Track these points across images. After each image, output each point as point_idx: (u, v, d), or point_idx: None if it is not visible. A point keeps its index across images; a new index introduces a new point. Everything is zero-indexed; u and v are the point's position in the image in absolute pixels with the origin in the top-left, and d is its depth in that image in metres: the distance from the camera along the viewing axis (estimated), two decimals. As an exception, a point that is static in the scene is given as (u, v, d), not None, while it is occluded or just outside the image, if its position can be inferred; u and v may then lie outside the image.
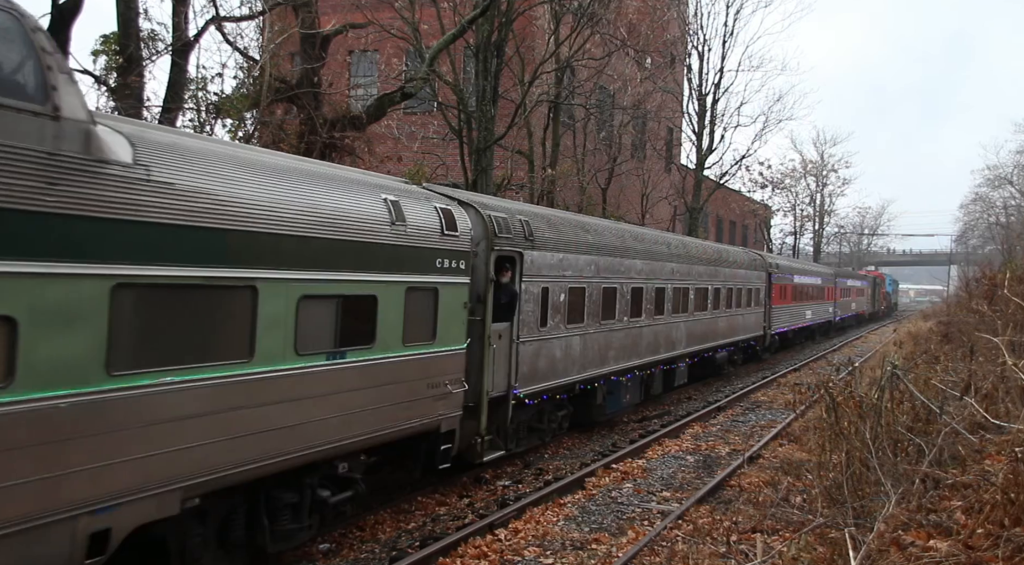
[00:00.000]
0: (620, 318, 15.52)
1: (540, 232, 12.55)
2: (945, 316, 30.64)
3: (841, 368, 14.35)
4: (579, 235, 14.10)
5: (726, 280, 23.13)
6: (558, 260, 13.01)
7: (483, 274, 11.00)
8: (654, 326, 17.42)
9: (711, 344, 22.07)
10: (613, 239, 15.61)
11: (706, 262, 21.37)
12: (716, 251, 23.62)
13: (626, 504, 10.93)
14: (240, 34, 18.66)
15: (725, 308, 23.17)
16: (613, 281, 15.16)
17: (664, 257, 18.04)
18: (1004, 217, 64.39)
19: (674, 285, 18.59)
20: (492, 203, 12.19)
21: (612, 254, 15.17)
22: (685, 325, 19.49)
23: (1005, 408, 8.64)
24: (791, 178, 64.14)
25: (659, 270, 17.58)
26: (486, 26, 21.31)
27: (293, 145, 17.22)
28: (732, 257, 24.96)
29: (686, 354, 19.92)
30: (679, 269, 18.97)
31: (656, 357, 17.77)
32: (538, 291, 12.48)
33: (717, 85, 41.76)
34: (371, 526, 10.02)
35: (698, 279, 20.42)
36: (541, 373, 12.68)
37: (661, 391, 19.09)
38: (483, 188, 20.78)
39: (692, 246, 21.26)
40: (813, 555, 6.89)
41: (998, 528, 5.70)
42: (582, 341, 14.01)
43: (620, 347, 15.65)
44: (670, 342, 18.60)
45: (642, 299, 16.62)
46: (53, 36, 13.00)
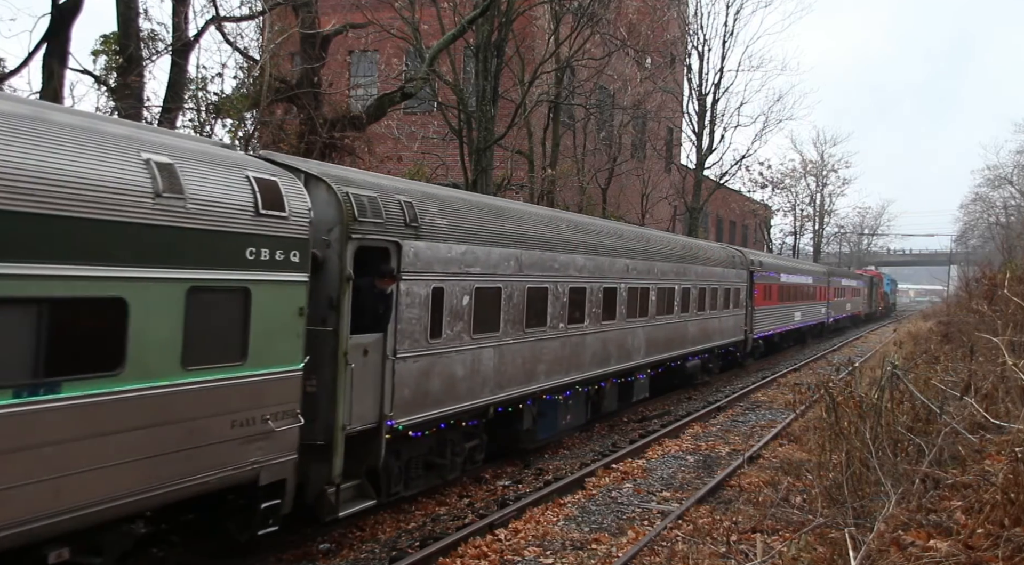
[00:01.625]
0: (554, 325, 12.94)
1: (430, 218, 9.98)
2: (945, 316, 30.66)
3: (841, 368, 14.37)
4: (491, 223, 11.51)
5: (698, 279, 20.60)
6: (459, 254, 10.42)
7: (337, 271, 8.43)
8: (602, 333, 14.82)
9: (679, 351, 19.61)
10: (542, 229, 12.96)
11: (672, 258, 18.86)
12: (685, 246, 21.10)
13: (626, 504, 10.93)
14: (240, 34, 18.65)
15: (697, 311, 20.53)
16: (543, 280, 12.63)
17: (616, 252, 15.52)
18: (1004, 217, 64.41)
19: (630, 285, 16.01)
20: (356, 178, 9.43)
21: (541, 247, 12.63)
22: (644, 331, 16.94)
23: (1005, 408, 8.64)
24: (791, 178, 64.19)
25: (609, 267, 15.03)
26: (486, 26, 21.32)
27: (293, 145, 17.22)
28: (705, 253, 22.36)
29: (647, 364, 17.42)
30: (637, 266, 16.41)
31: (606, 369, 15.15)
32: (426, 293, 9.80)
33: (717, 85, 41.82)
34: (371, 526, 10.01)
35: (662, 278, 17.91)
36: (434, 397, 10.05)
37: (615, 407, 16.69)
38: (483, 188, 20.76)
39: (655, 240, 18.81)
40: (813, 555, 6.90)
41: (998, 528, 5.70)
42: (497, 354, 11.40)
43: (554, 360, 13.07)
44: (625, 351, 15.99)
45: (585, 302, 14.04)
46: (53, 36, 13.08)
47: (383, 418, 9.11)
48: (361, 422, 8.83)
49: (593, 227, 15.54)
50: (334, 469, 8.45)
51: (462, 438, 11.32)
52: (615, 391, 16.27)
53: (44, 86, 13.17)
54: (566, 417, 14.06)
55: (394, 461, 9.72)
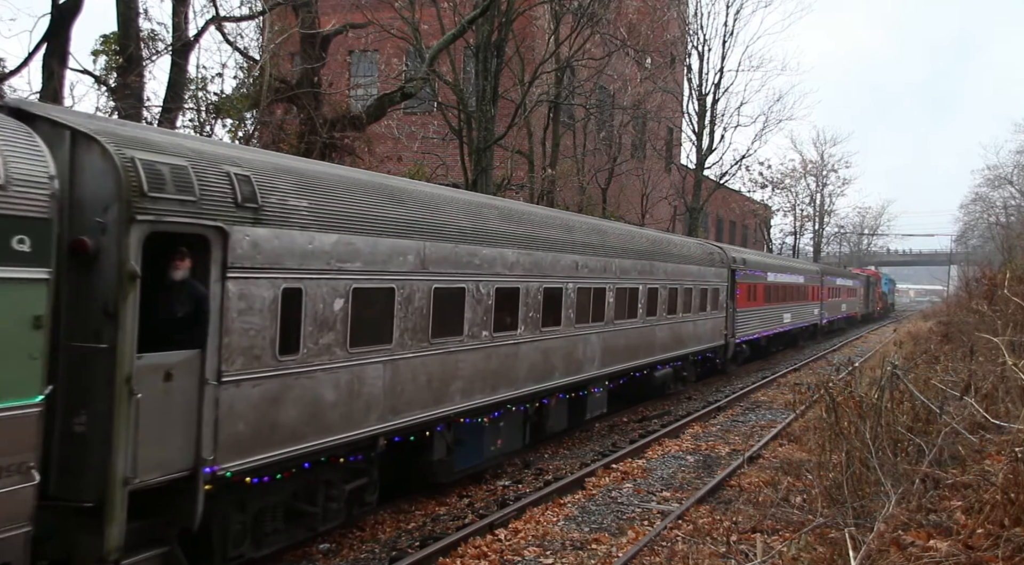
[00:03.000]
0: (474, 333, 10.72)
1: (279, 197, 7.67)
2: (945, 316, 30.67)
3: (841, 368, 14.39)
4: (381, 207, 9.11)
5: (669, 279, 18.37)
6: (328, 245, 8.13)
7: (114, 265, 6.23)
8: (543, 342, 12.59)
9: (646, 360, 17.32)
10: (458, 218, 10.61)
11: (636, 255, 16.56)
12: (652, 241, 18.67)
13: (626, 504, 10.93)
14: (240, 34, 18.67)
15: (667, 314, 18.27)
16: (457, 279, 10.34)
17: (562, 246, 13.31)
18: (1004, 217, 64.38)
19: (580, 285, 13.76)
20: (159, 140, 7.10)
21: (456, 239, 10.31)
22: (600, 338, 14.68)
23: (1005, 408, 8.65)
24: (791, 178, 64.15)
25: (552, 264, 12.83)
26: (486, 26, 21.33)
27: (293, 145, 17.23)
28: (678, 249, 20.10)
29: (604, 376, 15.18)
30: (590, 263, 14.16)
31: (549, 384, 12.93)
32: (273, 295, 7.50)
33: (717, 85, 41.87)
34: (371, 526, 10.02)
35: (622, 277, 15.61)
36: (288, 430, 7.75)
37: (565, 426, 14.49)
38: (483, 188, 20.76)
39: (613, 234, 16.30)
40: (813, 555, 6.90)
41: (998, 528, 5.70)
42: (388, 372, 9.08)
43: (475, 375, 10.81)
44: (574, 362, 13.78)
45: (519, 305, 11.85)
46: (53, 36, 13.08)
47: (200, 463, 6.84)
48: (162, 471, 6.60)
49: (531, 216, 13.16)
50: (109, 540, 6.08)
51: (341, 478, 8.92)
52: (563, 408, 14.12)
53: (44, 86, 13.16)
54: (495, 442, 11.89)
55: (236, 515, 7.63)
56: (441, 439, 10.54)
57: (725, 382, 24.72)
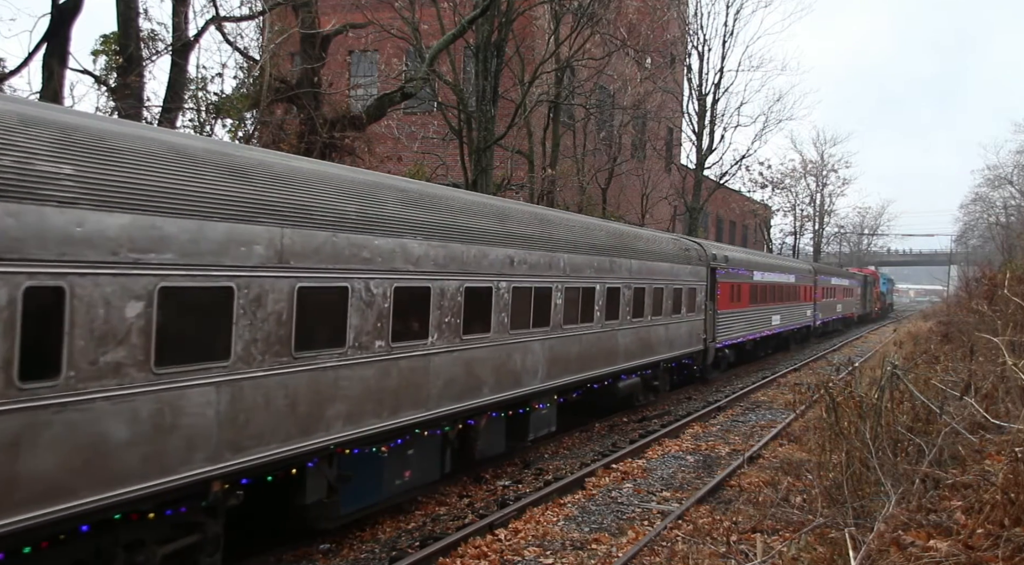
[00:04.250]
0: (363, 344, 8.63)
1: (18, 158, 5.64)
2: (945, 316, 30.67)
3: (841, 368, 14.39)
4: (205, 181, 7.04)
5: (633, 277, 16.40)
6: (117, 229, 6.16)
7: None
8: (466, 352, 10.64)
9: (605, 369, 15.26)
10: (335, 198, 8.47)
11: (590, 250, 14.56)
12: (612, 234, 16.43)
13: (626, 504, 10.93)
14: (240, 34, 18.72)
15: (632, 317, 16.31)
16: (335, 276, 8.30)
17: (490, 238, 11.25)
18: (1004, 217, 64.40)
19: (517, 284, 11.84)
20: None
21: (333, 226, 8.25)
22: (545, 346, 12.77)
23: (1005, 408, 8.65)
24: (791, 178, 64.18)
25: (477, 259, 10.85)
26: (486, 26, 21.33)
27: (293, 145, 17.24)
28: (645, 244, 17.91)
29: (551, 389, 13.20)
30: (529, 259, 12.24)
31: (477, 401, 11.00)
32: (5, 298, 5.53)
33: (717, 85, 41.91)
34: (371, 526, 10.02)
35: (573, 275, 13.70)
36: (39, 484, 5.69)
37: (503, 449, 12.51)
38: (483, 188, 20.79)
39: (560, 224, 14.10)
40: (813, 555, 6.90)
41: (998, 528, 5.70)
42: (226, 396, 7.06)
43: (366, 395, 8.77)
44: (510, 374, 11.81)
45: (430, 308, 9.83)
46: (53, 36, 13.08)
47: None
48: None
49: (448, 201, 10.85)
50: None
51: (154, 538, 6.89)
52: (498, 428, 12.12)
53: (44, 86, 13.18)
54: (401, 474, 9.86)
55: None
56: (317, 477, 8.48)
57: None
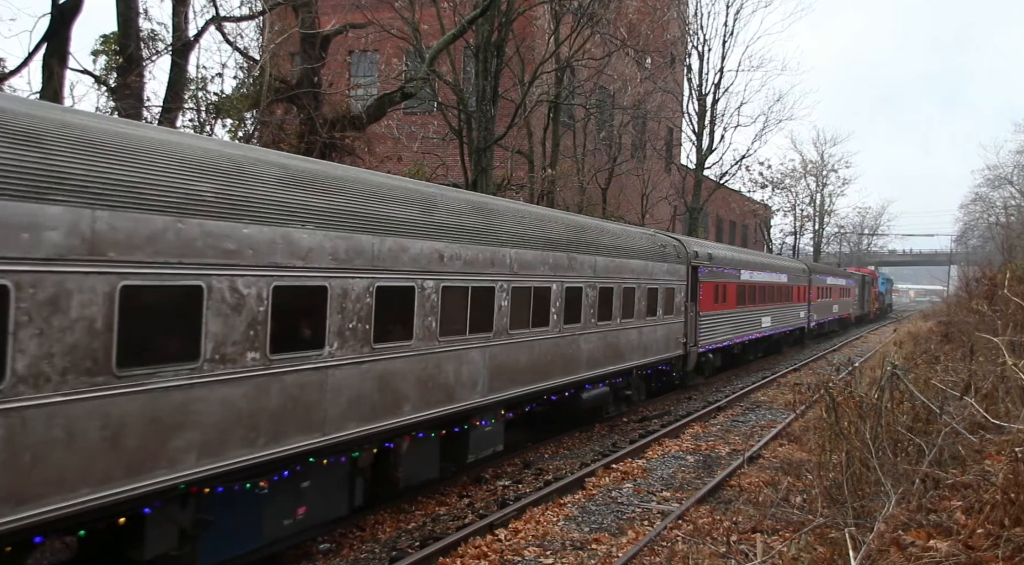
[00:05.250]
0: (226, 356, 7.08)
1: None
2: (945, 316, 30.65)
3: (841, 368, 14.38)
4: None
5: (599, 276, 14.87)
6: None
7: None
8: (382, 362, 9.09)
9: (564, 379, 13.70)
10: (157, 171, 6.56)
11: (545, 245, 13.00)
12: (573, 227, 14.65)
13: (626, 504, 10.93)
14: (240, 34, 18.70)
15: (597, 320, 14.77)
16: (181, 272, 6.65)
17: (411, 229, 9.60)
18: (1004, 217, 64.38)
19: (449, 282, 10.34)
20: None
21: (179, 210, 6.62)
22: (487, 354, 11.30)
23: (1005, 408, 8.65)
24: (791, 178, 64.26)
25: (394, 254, 9.25)
26: (486, 26, 21.33)
27: (293, 145, 17.24)
28: (613, 239, 16.11)
29: (497, 403, 11.73)
30: (465, 254, 10.72)
31: (395, 421, 9.40)
32: None
33: (717, 85, 41.97)
34: (371, 526, 10.03)
35: (523, 273, 12.24)
36: None
37: (435, 474, 10.91)
38: (483, 188, 20.81)
39: (506, 214, 12.42)
40: (813, 555, 6.89)
41: (998, 528, 5.70)
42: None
43: (233, 420, 7.19)
44: (441, 388, 10.27)
45: (326, 311, 8.27)
46: (53, 36, 13.08)
47: None
48: None
49: (353, 184, 9.04)
50: None
51: None
52: (428, 450, 10.50)
53: (44, 86, 13.19)
54: (292, 512, 8.23)
55: None
56: (160, 524, 6.88)
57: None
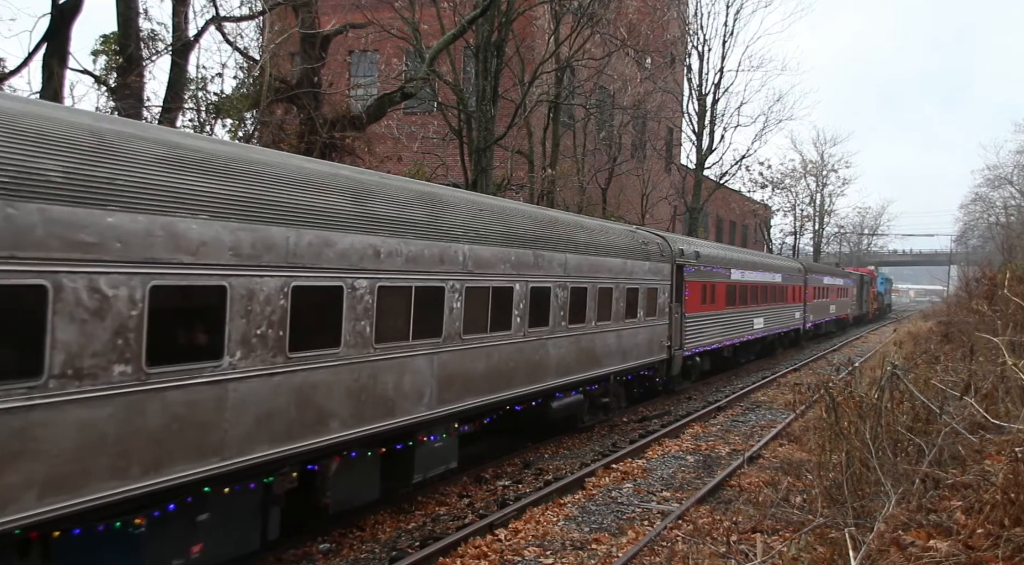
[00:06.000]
0: (83, 372, 5.95)
1: None
2: (945, 316, 30.65)
3: (841, 368, 14.38)
4: None
5: (570, 275, 13.67)
6: None
7: None
8: (299, 374, 7.92)
9: (530, 388, 12.53)
10: (10, 147, 5.56)
11: (506, 240, 11.77)
12: (539, 222, 13.31)
13: (626, 504, 10.93)
14: (240, 34, 18.71)
15: (569, 324, 13.65)
16: (12, 270, 5.52)
17: (340, 221, 8.43)
18: (1004, 217, 64.40)
19: (387, 281, 9.09)
20: None
21: (22, 192, 5.57)
22: (435, 362, 10.06)
23: (1005, 408, 8.65)
24: (791, 178, 64.29)
25: (315, 249, 8.04)
26: (486, 26, 21.34)
27: (293, 145, 17.24)
28: (587, 236, 14.83)
29: (449, 416, 10.56)
30: (406, 250, 9.37)
31: (319, 440, 8.24)
32: None
33: (717, 85, 41.98)
34: (371, 526, 10.02)
35: (480, 271, 11.00)
36: None
37: (376, 495, 9.65)
38: (483, 188, 20.81)
39: (457, 205, 11.06)
40: (813, 555, 6.89)
41: (998, 528, 5.70)
42: None
43: (88, 449, 6.01)
44: (379, 401, 9.05)
45: (226, 315, 7.14)
46: (53, 36, 13.08)
47: None
48: None
49: (260, 167, 7.76)
50: None
51: None
52: (365, 470, 9.26)
53: (44, 86, 13.19)
54: (184, 550, 7.04)
55: None
56: None
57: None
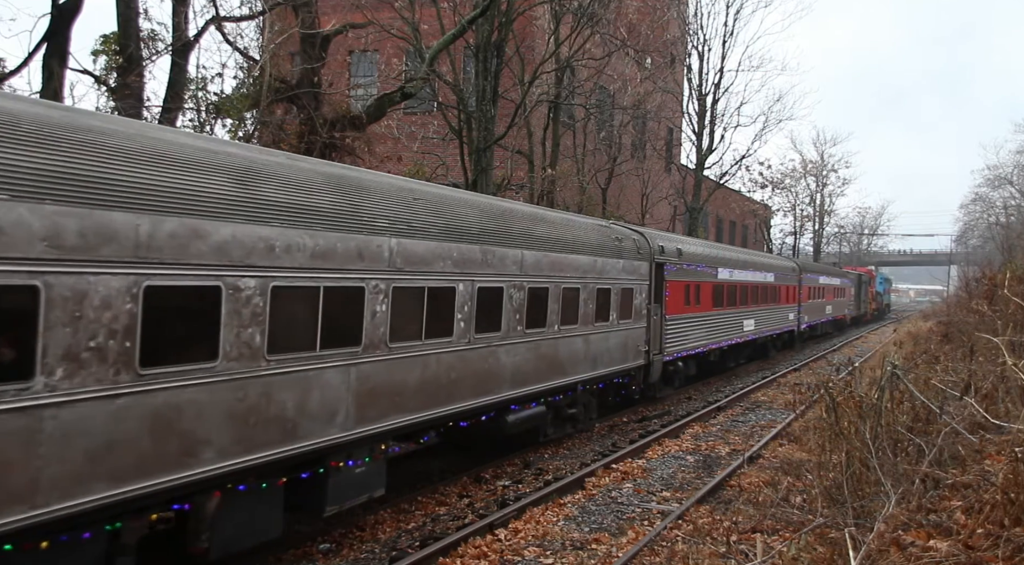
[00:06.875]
0: None
1: None
2: (945, 316, 30.66)
3: (841, 368, 14.39)
4: None
5: (528, 273, 12.25)
6: None
7: None
8: (154, 394, 6.49)
9: (478, 401, 11.14)
10: None
11: (447, 234, 10.29)
12: (489, 214, 11.82)
13: (626, 504, 10.93)
14: (240, 34, 18.71)
15: (527, 328, 12.29)
16: None
17: (212, 207, 7.00)
18: (1004, 217, 64.40)
19: (284, 280, 7.66)
20: None
21: None
22: (352, 374, 8.61)
23: (1005, 408, 8.64)
24: (791, 178, 64.20)
25: (176, 241, 6.62)
26: (486, 26, 21.34)
27: (293, 145, 17.23)
28: (548, 230, 13.31)
29: (375, 436, 9.11)
30: (312, 244, 7.97)
31: (188, 474, 6.81)
32: None
33: (717, 85, 41.96)
34: (371, 526, 10.03)
35: (413, 269, 9.52)
36: None
37: (276, 533, 8.13)
38: (483, 188, 20.81)
39: (381, 192, 9.45)
40: (813, 555, 6.90)
41: (998, 528, 5.70)
42: None
43: None
44: (272, 423, 7.61)
45: (39, 325, 5.64)
46: (53, 36, 13.08)
47: None
48: None
49: (91, 137, 6.24)
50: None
51: None
52: (263, 504, 7.86)
53: (44, 86, 13.18)
54: None
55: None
56: None
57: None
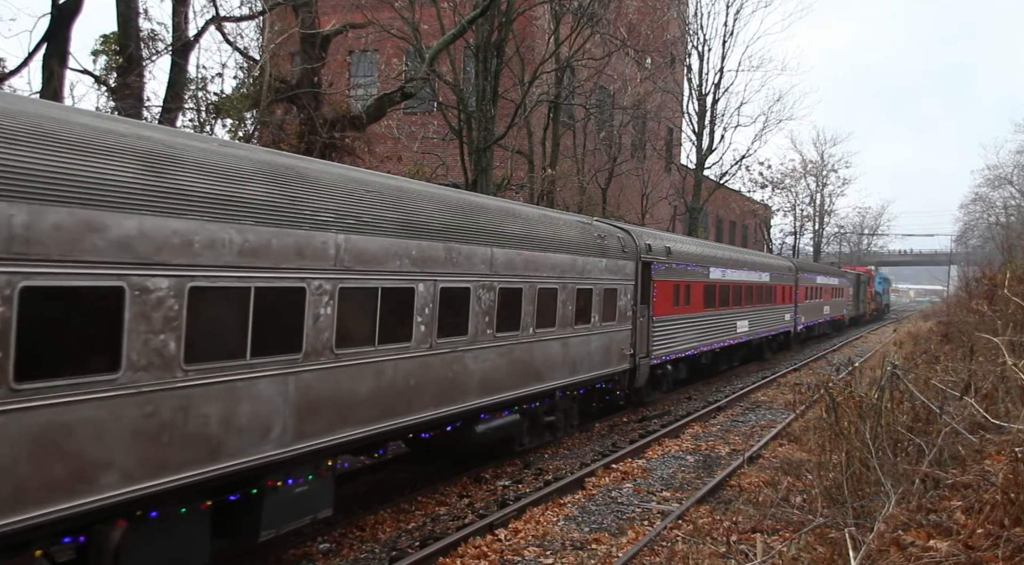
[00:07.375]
0: None
1: None
2: (945, 316, 30.66)
3: (841, 368, 14.39)
4: None
5: (499, 273, 11.44)
6: None
7: None
8: (38, 411, 5.51)
9: (442, 410, 10.30)
10: None
11: (405, 230, 9.41)
12: (455, 209, 10.91)
13: (626, 504, 10.93)
14: (240, 34, 18.71)
15: (498, 332, 11.47)
16: None
17: (115, 196, 6.04)
18: (1004, 217, 64.40)
19: (208, 280, 6.79)
20: None
21: None
22: (291, 384, 7.75)
23: (1005, 408, 8.64)
24: (791, 178, 64.20)
25: (63, 235, 5.64)
26: (486, 26, 21.34)
27: (293, 145, 17.23)
28: (522, 227, 12.50)
29: (318, 452, 8.23)
30: (242, 240, 7.12)
31: (83, 502, 5.81)
32: None
33: (717, 85, 41.98)
34: (371, 526, 10.02)
35: (365, 268, 8.69)
36: None
37: (205, 561, 7.23)
38: (483, 188, 20.81)
39: (333, 185, 8.65)
40: (813, 555, 6.90)
41: (998, 528, 5.70)
42: None
43: None
44: (196, 441, 6.76)
45: None
46: (53, 36, 13.08)
47: None
48: None
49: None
50: None
51: None
52: (184, 532, 7.03)
53: (44, 86, 13.18)
54: None
55: None
56: None
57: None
